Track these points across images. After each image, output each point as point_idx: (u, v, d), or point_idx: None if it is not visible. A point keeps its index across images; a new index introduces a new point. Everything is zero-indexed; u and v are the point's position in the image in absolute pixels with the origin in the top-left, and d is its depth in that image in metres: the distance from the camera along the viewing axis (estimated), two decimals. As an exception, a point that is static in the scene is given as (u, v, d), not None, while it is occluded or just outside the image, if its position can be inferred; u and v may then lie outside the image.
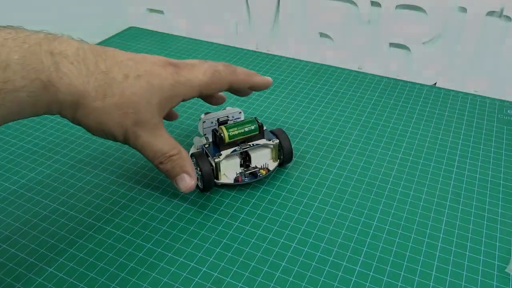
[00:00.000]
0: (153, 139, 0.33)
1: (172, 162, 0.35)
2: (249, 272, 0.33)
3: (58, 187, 0.41)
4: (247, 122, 0.40)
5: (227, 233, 0.36)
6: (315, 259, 0.34)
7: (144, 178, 0.42)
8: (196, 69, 0.35)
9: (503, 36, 0.52)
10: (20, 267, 0.33)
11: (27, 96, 0.27)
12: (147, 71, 0.32)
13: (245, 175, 0.40)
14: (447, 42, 0.55)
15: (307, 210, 0.38)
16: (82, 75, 0.30)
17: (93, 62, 0.30)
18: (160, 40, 0.70)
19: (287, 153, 0.41)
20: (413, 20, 0.55)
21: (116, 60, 0.32)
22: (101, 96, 0.30)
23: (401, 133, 0.48)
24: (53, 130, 0.49)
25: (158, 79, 0.33)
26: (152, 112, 0.33)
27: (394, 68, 0.59)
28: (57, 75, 0.28)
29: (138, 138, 0.33)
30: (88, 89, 0.30)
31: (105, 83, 0.30)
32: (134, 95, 0.31)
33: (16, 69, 0.26)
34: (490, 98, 0.54)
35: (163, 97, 0.33)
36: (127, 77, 0.31)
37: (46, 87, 0.28)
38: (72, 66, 0.29)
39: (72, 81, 0.29)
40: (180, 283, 0.32)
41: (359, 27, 0.59)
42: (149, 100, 0.32)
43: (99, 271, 0.33)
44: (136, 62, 0.32)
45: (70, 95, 0.29)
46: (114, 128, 0.32)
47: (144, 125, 0.33)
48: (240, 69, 0.38)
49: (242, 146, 0.39)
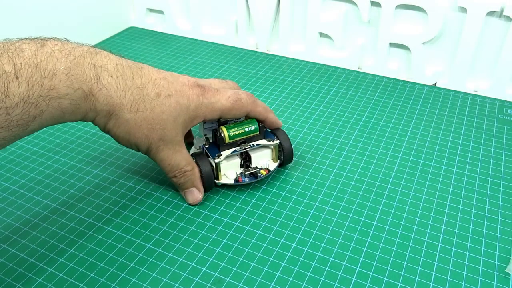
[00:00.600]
0: (173, 154, 0.36)
1: (185, 177, 0.37)
2: (249, 272, 0.33)
3: (58, 187, 0.41)
4: (247, 122, 0.40)
5: (227, 233, 0.36)
6: (315, 259, 0.34)
7: (144, 178, 0.42)
8: (220, 94, 0.37)
9: (503, 36, 0.52)
10: (20, 267, 0.33)
11: (69, 103, 0.30)
12: (177, 91, 0.35)
13: (246, 175, 0.40)
14: (447, 42, 0.55)
15: (307, 210, 0.38)
16: (120, 88, 0.32)
17: (130, 78, 0.33)
18: (160, 40, 0.70)
19: (288, 153, 0.41)
20: (413, 20, 0.55)
21: (150, 77, 0.34)
22: (134, 110, 0.33)
23: (401, 133, 0.48)
24: (53, 130, 0.49)
25: (186, 99, 0.35)
26: (177, 130, 0.35)
27: (394, 68, 0.59)
28: (97, 87, 0.31)
29: (160, 152, 0.36)
30: (124, 102, 0.33)
31: (140, 98, 0.33)
32: (163, 113, 0.34)
33: (62, 78, 0.29)
34: (490, 98, 0.54)
35: (187, 117, 0.36)
36: (159, 96, 0.34)
37: (86, 96, 0.31)
38: (112, 79, 0.32)
39: (111, 93, 0.32)
40: (180, 283, 0.32)
41: (359, 27, 0.59)
42: (176, 118, 0.35)
43: (99, 271, 0.33)
44: (168, 82, 0.35)
45: (107, 105, 0.32)
46: (140, 140, 0.34)
47: (168, 141, 0.35)
48: (260, 101, 0.40)
49: (242, 147, 0.39)
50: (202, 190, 0.39)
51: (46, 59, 0.28)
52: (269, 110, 0.41)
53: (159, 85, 0.35)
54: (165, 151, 0.36)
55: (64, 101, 0.29)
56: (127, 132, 0.34)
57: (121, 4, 0.73)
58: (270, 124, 0.41)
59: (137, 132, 0.34)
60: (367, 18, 0.57)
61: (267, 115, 0.40)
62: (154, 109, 0.34)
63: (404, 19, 0.56)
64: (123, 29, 0.74)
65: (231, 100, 0.37)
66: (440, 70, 0.57)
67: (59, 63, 0.29)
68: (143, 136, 0.34)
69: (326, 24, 0.60)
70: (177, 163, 0.37)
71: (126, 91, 0.33)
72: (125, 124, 0.33)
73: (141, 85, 0.34)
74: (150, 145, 0.35)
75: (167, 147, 0.36)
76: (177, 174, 0.37)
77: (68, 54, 0.30)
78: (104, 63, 0.32)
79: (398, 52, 0.59)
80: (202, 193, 0.39)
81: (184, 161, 0.37)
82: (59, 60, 0.29)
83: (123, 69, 0.33)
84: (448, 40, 0.55)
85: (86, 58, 0.31)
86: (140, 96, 0.33)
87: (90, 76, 0.31)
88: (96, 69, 0.31)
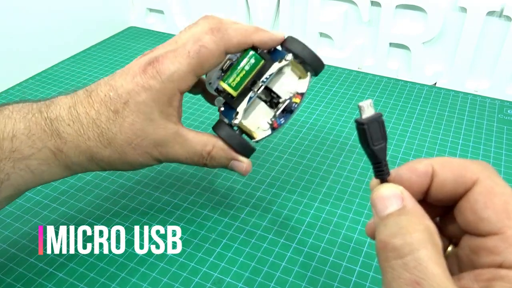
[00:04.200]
0: (181, 148, 0.31)
1: (213, 158, 0.32)
2: (249, 272, 0.33)
3: (58, 187, 0.41)
4: (242, 57, 0.31)
5: (227, 233, 0.36)
6: (315, 259, 0.34)
7: (144, 178, 0.42)
8: (178, 55, 0.30)
9: (503, 36, 0.52)
10: (20, 267, 0.33)
11: (38, 163, 0.28)
12: (130, 91, 0.29)
13: (278, 116, 0.32)
14: (447, 42, 0.55)
15: (307, 210, 0.38)
16: (81, 133, 0.29)
17: (84, 115, 0.29)
18: (160, 40, 0.70)
19: (311, 58, 0.31)
20: (413, 20, 0.55)
21: (100, 98, 0.30)
22: (106, 143, 0.30)
23: (401, 133, 0.48)
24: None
25: (144, 93, 0.29)
26: (162, 126, 0.30)
27: (394, 68, 0.59)
28: (61, 142, 0.29)
29: (167, 155, 0.31)
30: (91, 145, 0.29)
31: (101, 128, 0.29)
32: (133, 124, 0.29)
33: (23, 139, 0.27)
34: (490, 98, 0.54)
35: (160, 105, 0.30)
36: (117, 111, 0.29)
37: (56, 154, 0.29)
38: (70, 127, 0.29)
39: (76, 142, 0.29)
40: (180, 283, 0.32)
41: (359, 27, 0.59)
42: (150, 117, 0.30)
43: (99, 271, 0.33)
44: (116, 89, 0.30)
45: (80, 154, 0.29)
46: (138, 161, 0.31)
47: (163, 141, 0.31)
48: (232, 28, 0.31)
49: (255, 88, 0.31)
50: (240, 157, 0.33)
51: (4, 121, 0.28)
52: (253, 29, 0.31)
53: (111, 100, 0.29)
54: (171, 151, 0.31)
55: (31, 161, 0.28)
56: (121, 162, 0.30)
57: (121, 4, 0.73)
58: (266, 43, 0.32)
59: (128, 157, 0.30)
60: (367, 18, 0.57)
61: (255, 37, 0.31)
62: (123, 127, 0.29)
63: (404, 19, 0.56)
64: (123, 29, 0.74)
65: (192, 54, 0.30)
66: (440, 70, 0.57)
67: (17, 123, 0.28)
68: (137, 156, 0.30)
69: (326, 24, 0.60)
70: (192, 151, 0.31)
71: (88, 132, 0.29)
72: (112, 159, 0.30)
73: (96, 115, 0.29)
74: (151, 156, 0.31)
75: (169, 147, 0.31)
76: (203, 161, 0.32)
77: (26, 113, 0.28)
78: (58, 113, 0.29)
79: (398, 52, 0.59)
80: (243, 159, 0.33)
81: (199, 144, 0.32)
82: (18, 120, 0.28)
83: (76, 110, 0.29)
84: (448, 40, 0.55)
85: (43, 113, 0.29)
86: (100, 126, 0.29)
87: (49, 132, 0.28)
88: (53, 123, 0.29)
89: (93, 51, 0.67)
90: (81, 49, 0.67)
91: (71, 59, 0.65)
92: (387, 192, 0.19)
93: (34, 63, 0.61)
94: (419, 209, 0.19)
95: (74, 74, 0.61)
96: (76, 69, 0.62)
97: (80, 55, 0.66)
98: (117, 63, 0.63)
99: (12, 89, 0.58)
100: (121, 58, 0.64)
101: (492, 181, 0.17)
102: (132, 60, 0.32)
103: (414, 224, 0.18)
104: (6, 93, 0.57)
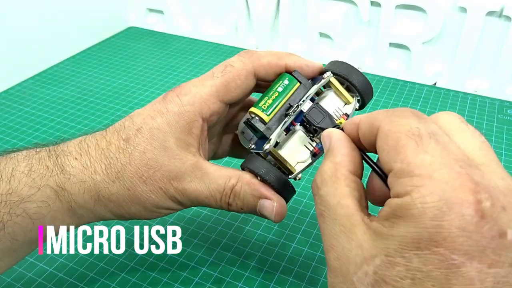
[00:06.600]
0: (200, 183, 0.26)
1: (238, 195, 0.26)
2: (249, 272, 0.33)
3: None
4: (275, 82, 0.28)
5: (227, 233, 0.36)
6: (315, 259, 0.34)
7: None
8: (202, 77, 0.27)
9: (503, 36, 0.52)
10: (20, 267, 0.33)
11: (38, 206, 0.24)
12: (145, 117, 0.26)
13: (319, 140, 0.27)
14: (447, 42, 0.55)
15: (307, 210, 0.38)
16: (87, 166, 0.25)
17: (94, 146, 0.26)
18: (160, 40, 0.70)
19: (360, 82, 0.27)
20: (413, 20, 0.55)
21: (114, 128, 0.27)
22: (114, 177, 0.25)
23: (401, 133, 0.48)
24: (53, 130, 0.49)
25: (159, 117, 0.26)
26: (178, 156, 0.26)
27: (394, 68, 0.59)
28: (64, 177, 0.25)
29: (184, 191, 0.26)
30: (97, 179, 0.25)
31: (110, 160, 0.26)
32: (145, 152, 0.25)
33: (21, 178, 0.24)
34: (490, 98, 0.54)
35: (178, 131, 0.26)
36: (128, 140, 0.26)
37: (57, 194, 0.25)
38: (76, 161, 0.26)
39: (81, 177, 0.25)
40: (180, 283, 0.32)
41: (359, 27, 0.59)
42: (164, 145, 0.26)
43: (99, 271, 0.33)
44: (132, 117, 0.27)
45: (86, 192, 0.25)
46: (150, 198, 0.26)
47: (179, 174, 0.26)
48: (263, 51, 0.28)
49: (290, 112, 0.26)
50: (272, 195, 0.26)
51: (6, 161, 0.25)
52: (286, 53, 0.28)
53: (124, 128, 0.26)
54: (189, 187, 0.26)
55: (30, 205, 0.24)
56: (131, 201, 0.26)
57: (121, 4, 0.73)
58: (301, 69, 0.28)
59: (139, 195, 0.26)
60: (367, 18, 0.57)
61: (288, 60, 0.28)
62: (133, 157, 0.25)
63: (404, 19, 0.56)
64: (123, 29, 0.74)
65: (216, 74, 0.27)
66: (440, 70, 0.57)
67: (19, 162, 0.25)
68: (150, 194, 0.26)
69: (326, 24, 0.60)
70: (213, 187, 0.26)
71: (95, 164, 0.25)
72: (121, 197, 0.26)
73: (106, 145, 0.26)
74: (167, 194, 0.26)
75: (186, 181, 0.26)
76: (226, 199, 0.26)
77: (33, 153, 0.26)
78: (66, 147, 0.26)
79: (398, 52, 0.59)
80: (275, 198, 0.26)
81: (221, 178, 0.26)
82: (20, 160, 0.25)
83: (87, 143, 0.26)
84: (448, 40, 0.55)
85: (51, 150, 0.26)
86: (108, 157, 0.25)
87: (52, 168, 0.25)
88: (58, 158, 0.25)
89: (93, 51, 0.67)
90: (81, 49, 0.67)
91: (71, 59, 0.65)
92: (325, 133, 0.22)
93: (34, 63, 0.61)
94: (339, 148, 0.21)
95: (74, 74, 0.61)
96: (76, 69, 0.62)
97: (80, 55, 0.66)
98: (117, 63, 0.63)
99: (12, 89, 0.58)
100: (121, 58, 0.64)
101: (389, 124, 0.18)
102: (131, 60, 0.31)
103: (327, 163, 0.21)
104: (6, 93, 0.57)
